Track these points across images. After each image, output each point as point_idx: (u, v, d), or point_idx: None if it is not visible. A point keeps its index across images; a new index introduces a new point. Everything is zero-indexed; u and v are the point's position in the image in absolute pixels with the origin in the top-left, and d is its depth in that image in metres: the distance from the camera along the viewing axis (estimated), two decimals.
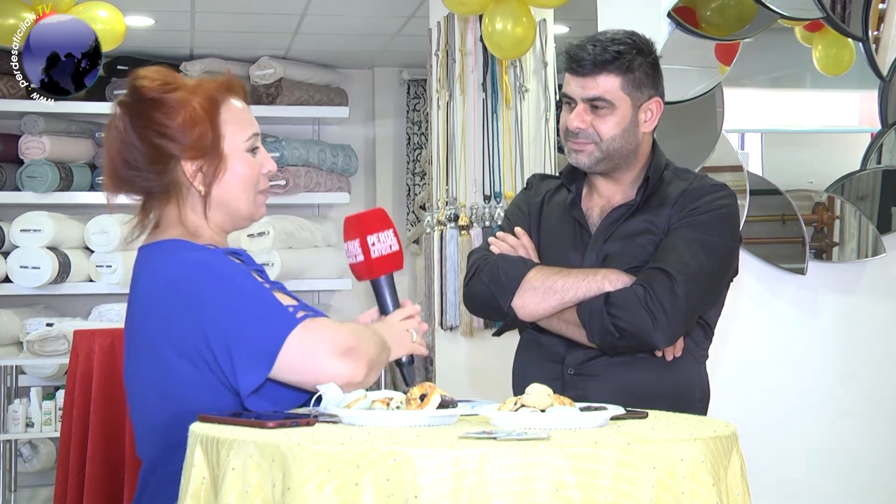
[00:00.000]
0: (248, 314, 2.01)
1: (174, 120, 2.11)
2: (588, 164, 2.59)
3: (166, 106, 2.11)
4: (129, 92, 2.15)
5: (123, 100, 2.16)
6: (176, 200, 2.15)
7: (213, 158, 2.14)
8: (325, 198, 7.27)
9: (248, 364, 1.99)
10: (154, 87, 2.12)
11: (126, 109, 2.14)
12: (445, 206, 5.30)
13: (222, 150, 2.15)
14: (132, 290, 2.16)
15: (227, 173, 2.16)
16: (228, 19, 6.28)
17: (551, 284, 2.53)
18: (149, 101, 2.12)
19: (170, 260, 2.09)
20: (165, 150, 2.11)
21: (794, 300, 3.83)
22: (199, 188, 2.14)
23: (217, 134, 2.15)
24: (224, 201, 2.17)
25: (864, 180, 4.00)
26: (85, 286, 6.66)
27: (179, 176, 2.14)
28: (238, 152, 2.18)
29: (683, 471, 1.66)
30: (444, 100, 5.36)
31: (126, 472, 3.87)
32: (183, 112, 2.11)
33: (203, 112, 2.13)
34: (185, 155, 2.12)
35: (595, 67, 2.53)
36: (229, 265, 2.09)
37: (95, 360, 4.07)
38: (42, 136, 6.62)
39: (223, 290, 2.03)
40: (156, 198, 2.17)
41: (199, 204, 2.16)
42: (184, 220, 2.16)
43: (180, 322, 2.03)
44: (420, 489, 1.55)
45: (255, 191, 2.21)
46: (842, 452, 3.82)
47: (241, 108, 2.21)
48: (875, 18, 3.90)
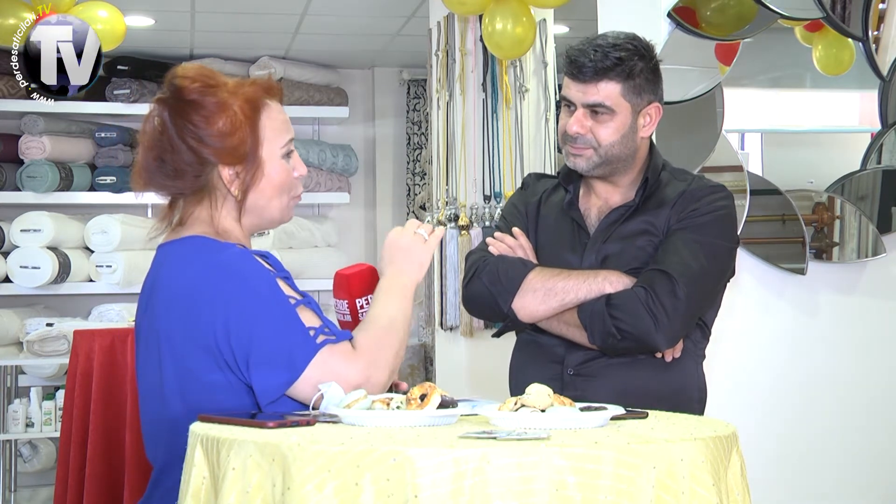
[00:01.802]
0: (271, 326, 1.99)
1: (214, 125, 2.08)
2: (586, 169, 2.59)
3: (206, 109, 2.08)
4: (169, 90, 2.11)
5: (162, 97, 2.12)
6: (209, 203, 2.12)
7: (251, 165, 2.11)
8: (325, 198, 7.27)
9: (264, 379, 1.98)
10: (194, 89, 2.08)
11: (165, 108, 2.10)
12: (445, 206, 5.30)
13: (260, 156, 2.12)
14: (151, 286, 2.12)
15: (264, 180, 2.13)
16: (228, 19, 6.28)
17: (552, 286, 2.53)
18: (188, 103, 2.08)
19: (197, 258, 2.06)
20: (203, 155, 2.08)
21: (794, 300, 3.83)
22: (236, 193, 2.12)
23: (256, 140, 2.11)
24: (258, 206, 2.15)
25: (864, 180, 4.00)
26: (85, 286, 6.66)
27: (215, 180, 2.11)
28: (275, 158, 2.14)
29: (683, 471, 1.66)
30: (444, 100, 5.36)
31: (126, 472, 3.88)
32: (223, 117, 2.08)
33: (244, 117, 2.10)
34: (223, 160, 2.09)
35: (596, 74, 2.52)
36: (258, 270, 2.05)
37: (95, 360, 4.07)
38: (42, 136, 6.61)
39: (249, 297, 2.00)
40: (186, 198, 2.13)
41: (234, 209, 2.13)
42: (214, 222, 2.12)
43: (206, 322, 2.00)
44: (420, 489, 1.55)
45: (289, 196, 2.19)
46: (842, 452, 3.81)
47: (279, 112, 2.17)
48: (875, 18, 3.90)
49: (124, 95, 6.76)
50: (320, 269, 6.96)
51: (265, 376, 1.98)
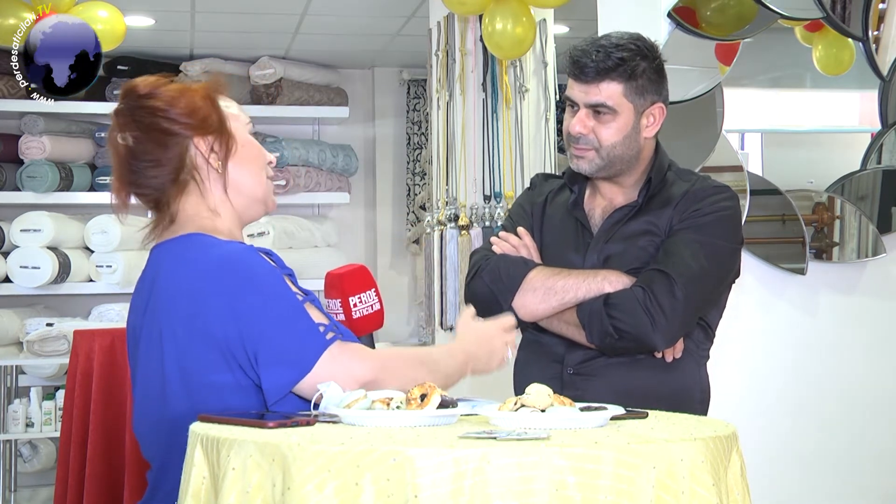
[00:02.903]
0: (280, 323, 1.98)
1: (177, 105, 2.11)
2: (589, 171, 2.60)
3: (165, 97, 2.11)
4: (124, 96, 2.14)
5: (120, 107, 2.14)
6: (196, 188, 2.13)
7: (222, 135, 2.14)
8: (325, 198, 7.27)
9: (274, 377, 1.98)
10: (147, 84, 2.12)
11: (124, 112, 2.13)
12: (445, 206, 5.30)
13: (229, 128, 2.15)
14: (150, 287, 2.11)
15: (239, 149, 2.16)
16: (228, 19, 6.28)
17: (551, 285, 2.53)
18: (145, 96, 2.11)
19: (199, 255, 2.05)
20: (173, 131, 2.10)
21: (794, 300, 3.83)
22: (216, 165, 2.13)
23: (221, 115, 2.15)
24: (241, 181, 2.16)
25: (864, 180, 4.00)
26: (85, 286, 6.66)
27: (194, 157, 2.12)
28: (243, 134, 2.18)
29: (683, 471, 1.66)
30: (444, 100, 5.36)
31: (126, 472, 3.87)
32: (183, 98, 2.12)
33: (204, 97, 2.14)
34: (195, 132, 2.11)
35: (598, 74, 2.52)
36: (264, 265, 2.05)
37: (95, 360, 4.07)
38: (42, 136, 6.62)
39: (257, 293, 2.00)
40: (171, 194, 2.13)
41: (219, 183, 2.14)
42: (206, 206, 2.13)
43: (213, 320, 1.99)
44: (420, 489, 1.55)
45: (265, 173, 2.21)
46: (842, 452, 3.81)
47: (232, 103, 2.22)
48: (875, 18, 3.90)
49: None
50: (320, 269, 6.93)
51: (274, 374, 1.97)
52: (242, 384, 2.00)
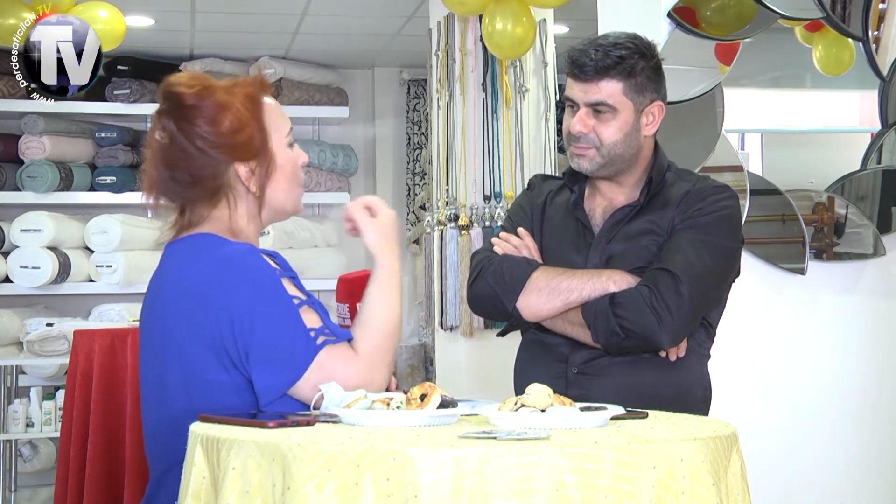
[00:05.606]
0: (272, 324, 1.99)
1: (221, 125, 2.09)
2: (590, 170, 2.60)
3: (209, 112, 2.08)
4: (168, 99, 2.11)
5: (163, 109, 2.12)
6: (225, 204, 2.12)
7: (263, 158, 2.13)
8: (325, 198, 7.27)
9: (265, 377, 1.98)
10: (192, 94, 2.09)
11: (169, 118, 2.10)
12: (445, 206, 5.30)
13: (271, 148, 2.14)
14: (158, 286, 2.12)
15: (278, 172, 2.15)
16: (228, 19, 6.28)
17: (556, 285, 2.53)
18: (190, 108, 2.08)
19: (202, 255, 2.06)
20: (217, 156, 2.09)
21: (794, 300, 3.83)
22: (254, 190, 2.12)
23: (264, 133, 2.13)
24: (275, 200, 2.16)
25: (864, 180, 4.00)
26: (85, 286, 6.66)
27: (232, 180, 2.12)
28: (282, 149, 2.17)
29: (683, 471, 1.66)
30: (444, 100, 5.36)
31: (126, 472, 3.87)
32: (228, 116, 2.09)
33: (247, 113, 2.11)
34: (238, 158, 2.10)
35: (597, 73, 2.53)
36: (263, 266, 2.05)
37: (95, 360, 4.07)
38: (42, 136, 6.61)
39: (252, 293, 2.00)
40: (201, 205, 2.13)
41: (254, 206, 2.14)
42: (230, 221, 2.12)
43: (211, 318, 2.00)
44: (420, 489, 1.55)
45: (300, 185, 2.21)
46: (842, 452, 3.81)
47: (275, 104, 2.19)
48: (875, 18, 3.90)
49: (124, 95, 6.76)
50: (320, 270, 6.96)
51: (265, 375, 1.98)
52: (239, 384, 2.01)
